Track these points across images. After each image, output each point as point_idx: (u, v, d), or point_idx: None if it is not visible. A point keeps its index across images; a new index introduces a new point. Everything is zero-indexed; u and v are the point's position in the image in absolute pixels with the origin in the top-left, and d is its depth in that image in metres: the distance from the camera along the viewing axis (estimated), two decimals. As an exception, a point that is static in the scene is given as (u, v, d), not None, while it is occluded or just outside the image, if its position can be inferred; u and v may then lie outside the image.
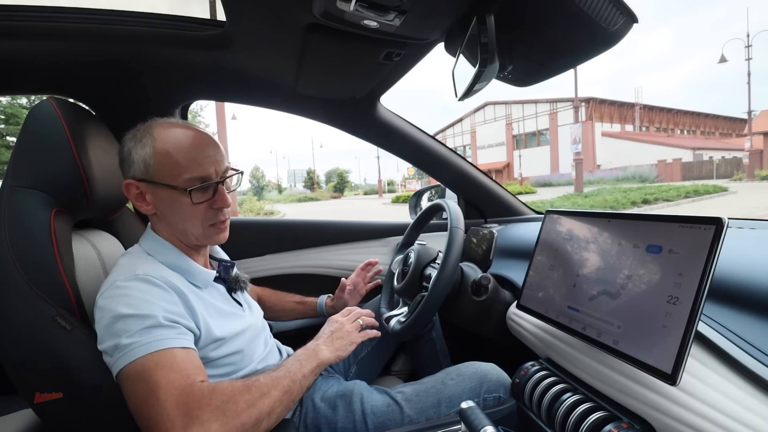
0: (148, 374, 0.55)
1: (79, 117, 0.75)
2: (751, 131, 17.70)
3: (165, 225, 0.72)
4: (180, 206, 0.68)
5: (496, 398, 0.78)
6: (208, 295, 0.73)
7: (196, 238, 0.72)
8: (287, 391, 0.63)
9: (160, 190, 0.68)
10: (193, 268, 0.72)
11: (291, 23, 0.75)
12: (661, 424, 0.52)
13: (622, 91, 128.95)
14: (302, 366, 0.68)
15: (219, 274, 0.79)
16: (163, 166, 0.67)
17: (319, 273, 1.44)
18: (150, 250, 0.71)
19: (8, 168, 0.70)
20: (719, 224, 0.49)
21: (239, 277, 0.82)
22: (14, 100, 11.98)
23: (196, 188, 0.67)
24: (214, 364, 0.69)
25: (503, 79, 0.81)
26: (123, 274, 0.64)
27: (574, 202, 10.19)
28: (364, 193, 44.64)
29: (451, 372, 0.83)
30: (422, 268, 1.03)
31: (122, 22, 0.81)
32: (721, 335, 0.52)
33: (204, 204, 0.69)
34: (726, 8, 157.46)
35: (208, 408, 0.54)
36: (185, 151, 0.68)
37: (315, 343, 0.75)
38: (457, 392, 0.78)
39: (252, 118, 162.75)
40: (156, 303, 0.61)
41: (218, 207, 0.71)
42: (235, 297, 0.81)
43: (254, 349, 0.78)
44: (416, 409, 0.77)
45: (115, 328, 0.58)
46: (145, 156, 0.67)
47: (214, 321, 0.69)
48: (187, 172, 0.67)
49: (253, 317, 0.83)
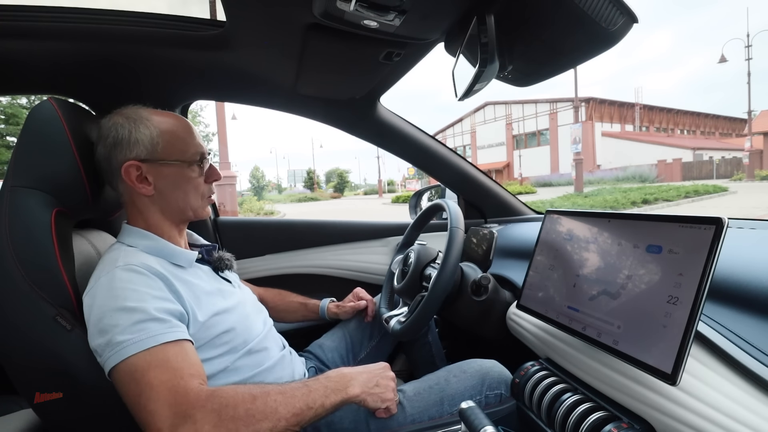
0: (141, 374, 0.54)
1: (79, 117, 0.75)
2: (751, 131, 17.70)
3: (159, 206, 0.73)
4: (187, 181, 0.74)
5: (497, 395, 0.78)
6: (193, 276, 0.73)
7: (194, 211, 0.77)
8: (297, 415, 0.58)
9: (166, 168, 0.72)
10: (174, 250, 0.72)
11: (291, 23, 0.75)
12: (661, 424, 0.52)
13: (622, 91, 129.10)
14: (327, 396, 0.62)
15: (201, 255, 0.80)
16: (171, 144, 0.72)
17: (319, 273, 1.44)
18: (130, 241, 0.71)
19: (9, 168, 0.70)
20: (719, 224, 0.49)
21: (223, 256, 0.83)
22: (14, 100, 11.97)
23: (199, 161, 0.75)
24: (211, 344, 0.68)
25: (503, 79, 0.81)
26: (105, 269, 0.64)
27: (574, 202, 10.18)
28: (364, 193, 44.61)
29: (453, 369, 0.83)
30: (422, 268, 1.03)
31: (122, 22, 0.81)
32: (721, 335, 0.52)
33: (202, 177, 0.77)
34: (726, 8, 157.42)
35: (203, 409, 0.53)
36: (185, 131, 0.75)
37: (351, 375, 0.68)
38: (459, 390, 0.78)
39: (252, 118, 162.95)
40: (143, 292, 0.60)
41: (214, 179, 0.79)
42: (223, 275, 0.82)
43: (251, 327, 0.77)
44: (418, 407, 0.76)
45: (103, 324, 0.57)
46: (152, 136, 0.71)
47: (201, 300, 0.69)
48: (193, 148, 0.75)
49: (244, 294, 0.83)
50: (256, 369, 0.75)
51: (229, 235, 1.37)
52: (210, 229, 1.32)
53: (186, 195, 0.74)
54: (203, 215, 0.79)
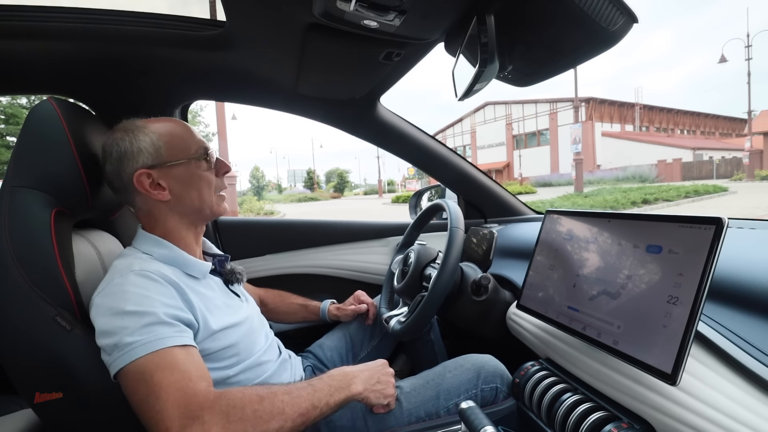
0: (149, 375, 0.55)
1: (79, 117, 0.75)
2: (751, 131, 17.69)
3: (176, 210, 0.73)
4: (198, 178, 0.74)
5: (493, 389, 0.78)
6: (205, 287, 0.73)
7: (210, 208, 0.76)
8: (303, 414, 0.60)
9: (174, 169, 0.72)
10: (189, 260, 0.73)
11: (291, 23, 0.75)
12: (661, 424, 0.52)
13: (622, 91, 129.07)
14: (331, 395, 0.64)
15: (214, 266, 0.80)
16: (173, 145, 0.72)
17: (319, 273, 1.44)
18: (145, 248, 0.71)
19: (8, 168, 0.70)
20: (719, 224, 0.49)
21: (234, 269, 0.83)
22: (14, 100, 11.98)
23: (204, 155, 0.75)
24: (215, 356, 0.69)
25: (503, 79, 0.81)
26: (119, 272, 0.64)
27: (574, 202, 10.18)
28: (364, 193, 44.61)
29: (448, 365, 0.83)
30: (422, 268, 1.03)
31: (122, 22, 0.81)
32: (721, 335, 0.52)
33: (212, 171, 0.76)
34: (726, 8, 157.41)
35: (211, 411, 0.54)
36: (183, 131, 0.75)
37: (353, 373, 0.71)
38: (455, 384, 0.78)
39: (252, 118, 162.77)
40: (154, 298, 0.61)
41: (224, 172, 0.79)
42: (233, 289, 0.82)
43: (255, 341, 0.78)
44: (415, 402, 0.77)
45: (113, 325, 0.58)
46: (152, 141, 0.71)
47: (212, 313, 0.69)
48: (194, 144, 0.75)
49: (250, 309, 0.83)
50: (253, 381, 0.75)
51: (229, 235, 1.37)
52: (210, 229, 1.32)
53: (200, 192, 0.74)
54: (220, 212, 0.79)
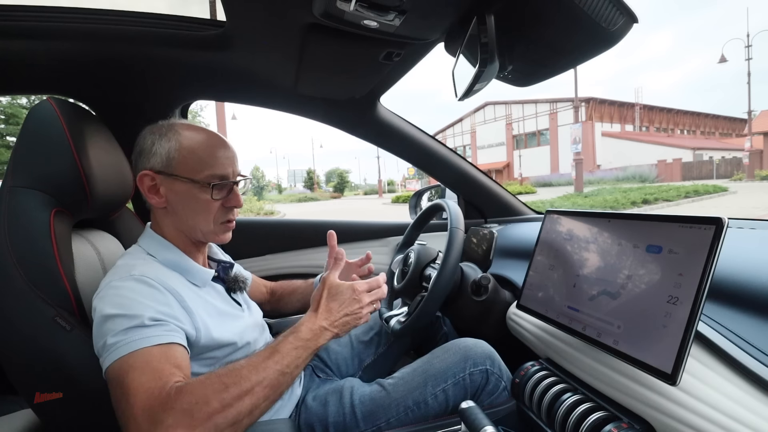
0: (123, 376, 0.53)
1: (79, 117, 0.75)
2: (751, 131, 17.68)
3: (172, 220, 0.72)
4: (196, 201, 0.71)
5: (483, 371, 0.78)
6: (207, 294, 0.73)
7: (203, 234, 0.73)
8: (274, 386, 0.56)
9: (177, 184, 0.70)
10: (191, 267, 0.72)
11: (291, 23, 0.75)
12: (661, 424, 0.52)
13: (622, 91, 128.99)
14: (298, 355, 0.60)
15: (218, 273, 0.79)
16: (187, 161, 0.70)
17: (319, 273, 1.43)
18: (149, 249, 0.71)
19: (8, 168, 0.70)
20: (719, 224, 0.49)
21: (238, 277, 0.82)
22: (14, 100, 11.97)
23: (216, 185, 0.71)
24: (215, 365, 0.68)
25: (503, 79, 0.81)
26: (119, 274, 0.63)
27: (574, 202, 10.18)
28: (364, 193, 44.61)
29: (436, 351, 0.84)
30: (422, 268, 1.03)
31: (122, 22, 0.81)
32: (721, 335, 0.52)
33: (219, 201, 0.72)
34: (726, 8, 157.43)
35: (172, 412, 0.50)
36: (209, 149, 0.71)
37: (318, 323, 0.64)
38: (442, 368, 0.78)
39: (252, 118, 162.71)
40: (146, 303, 0.59)
41: (232, 206, 0.74)
42: (234, 297, 0.81)
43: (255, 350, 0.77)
44: (402, 391, 0.77)
45: (103, 328, 0.57)
46: (169, 149, 0.69)
47: (213, 321, 0.69)
48: (209, 169, 0.70)
49: (252, 318, 0.82)
50: None
51: None
52: None
53: (195, 215, 0.71)
54: (217, 241, 0.76)
